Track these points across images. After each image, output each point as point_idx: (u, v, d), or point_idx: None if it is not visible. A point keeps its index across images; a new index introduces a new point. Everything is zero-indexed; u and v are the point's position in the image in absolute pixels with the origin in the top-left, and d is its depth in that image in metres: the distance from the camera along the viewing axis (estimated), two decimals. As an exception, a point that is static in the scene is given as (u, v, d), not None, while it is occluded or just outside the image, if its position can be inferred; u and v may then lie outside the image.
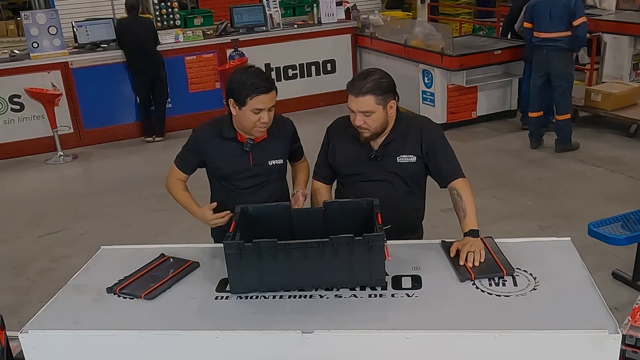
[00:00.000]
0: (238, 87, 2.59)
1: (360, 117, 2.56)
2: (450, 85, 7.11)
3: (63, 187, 6.53)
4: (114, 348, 2.10)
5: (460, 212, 2.57)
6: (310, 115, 8.25)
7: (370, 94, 2.52)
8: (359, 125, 2.58)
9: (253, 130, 2.65)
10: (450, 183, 2.64)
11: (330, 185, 2.88)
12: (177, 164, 2.85)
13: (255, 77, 2.59)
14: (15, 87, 7.17)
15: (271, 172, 2.81)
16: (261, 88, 2.56)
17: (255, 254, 2.17)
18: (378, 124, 2.59)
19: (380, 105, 2.55)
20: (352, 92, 2.56)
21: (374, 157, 2.67)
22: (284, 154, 2.84)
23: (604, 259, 4.13)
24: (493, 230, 2.62)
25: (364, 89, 2.52)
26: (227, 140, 2.73)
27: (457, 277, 2.27)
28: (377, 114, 2.55)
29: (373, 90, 2.52)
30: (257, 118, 2.60)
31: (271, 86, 2.60)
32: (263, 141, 2.74)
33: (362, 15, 8.87)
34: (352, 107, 2.58)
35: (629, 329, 2.20)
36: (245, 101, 2.57)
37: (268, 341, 2.04)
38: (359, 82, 2.55)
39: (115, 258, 2.63)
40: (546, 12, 6.15)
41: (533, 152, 6.49)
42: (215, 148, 2.75)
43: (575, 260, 2.38)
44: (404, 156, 2.66)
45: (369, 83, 2.53)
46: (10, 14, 12.28)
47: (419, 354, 2.00)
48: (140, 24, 7.42)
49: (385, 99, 2.56)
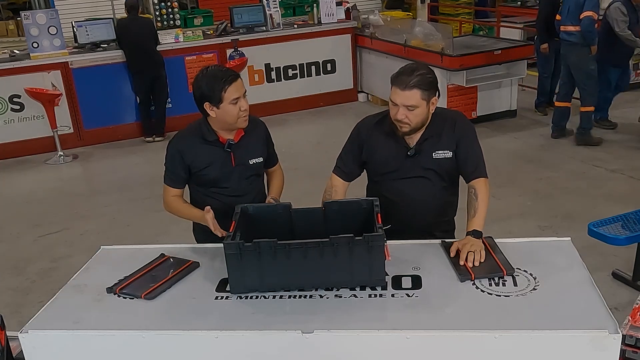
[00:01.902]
0: (208, 87, 2.59)
1: (402, 111, 2.54)
2: (450, 85, 7.11)
3: (63, 187, 6.53)
4: (114, 348, 2.10)
5: (471, 211, 2.58)
6: (310, 115, 8.26)
7: (417, 89, 2.51)
8: (400, 119, 2.56)
9: (238, 121, 2.65)
10: (472, 181, 2.65)
11: (348, 183, 2.84)
12: (167, 182, 2.81)
13: (218, 71, 2.62)
14: (15, 87, 7.16)
15: (252, 171, 2.82)
16: (229, 77, 2.59)
17: (255, 254, 2.17)
18: (419, 120, 2.58)
19: (425, 101, 2.54)
20: (398, 86, 2.53)
21: (412, 154, 2.66)
22: (263, 153, 2.85)
23: (604, 259, 4.13)
24: (493, 230, 2.62)
25: (411, 83, 2.50)
26: (209, 143, 2.72)
27: (457, 277, 2.27)
28: (421, 109, 2.54)
29: (419, 84, 2.51)
30: (237, 108, 2.61)
31: (236, 74, 2.64)
32: (242, 140, 2.75)
33: (362, 15, 8.87)
34: (396, 101, 2.55)
35: (629, 329, 2.20)
36: (221, 96, 2.58)
37: (268, 341, 2.04)
38: (406, 76, 2.52)
39: (115, 258, 2.63)
40: (567, 5, 6.30)
41: (533, 152, 6.49)
42: (199, 153, 2.73)
43: (575, 260, 2.38)
44: (440, 152, 2.66)
45: (415, 77, 2.51)
46: (10, 14, 12.27)
47: (419, 354, 2.00)
48: (140, 24, 7.42)
49: (430, 94, 2.55)
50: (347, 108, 8.45)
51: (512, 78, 7.36)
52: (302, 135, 7.36)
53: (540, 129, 7.20)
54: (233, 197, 2.72)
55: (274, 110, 7.76)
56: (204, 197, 2.81)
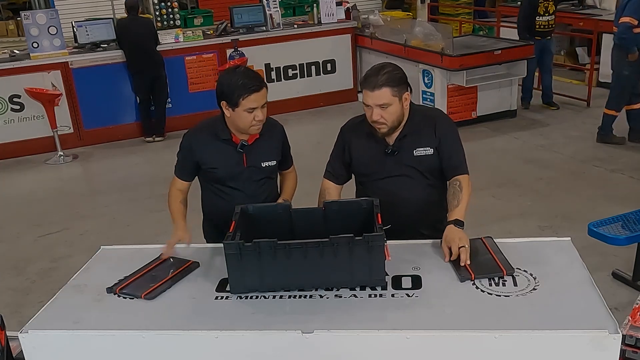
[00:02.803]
0: (229, 89, 2.58)
1: (377, 112, 2.55)
2: (450, 85, 7.11)
3: (63, 187, 6.53)
4: (114, 348, 2.10)
5: (454, 201, 2.57)
6: (310, 115, 8.26)
7: (386, 86, 2.52)
8: (376, 120, 2.57)
9: (249, 129, 2.65)
10: (455, 176, 2.65)
11: (341, 186, 2.85)
12: (176, 174, 2.82)
13: (244, 77, 2.59)
14: (15, 87, 7.16)
15: (264, 173, 2.80)
16: (252, 87, 2.56)
17: (255, 254, 2.17)
18: (395, 117, 2.59)
19: (396, 97, 2.55)
20: (367, 87, 2.55)
21: (391, 152, 2.67)
22: (277, 156, 2.83)
23: (604, 259, 4.13)
24: (493, 230, 2.62)
25: (380, 82, 2.52)
26: (222, 141, 2.72)
27: (457, 277, 2.27)
28: (394, 106, 2.56)
29: (388, 82, 2.53)
30: (251, 117, 2.60)
31: (261, 84, 2.60)
32: (256, 142, 2.74)
33: (362, 15, 8.87)
34: (368, 102, 2.57)
35: (629, 329, 2.20)
36: (238, 102, 2.57)
37: (268, 341, 2.04)
38: (373, 76, 2.54)
39: (115, 258, 2.63)
40: (619, 7, 6.31)
41: (533, 152, 6.50)
42: (210, 150, 2.74)
43: (575, 260, 2.38)
44: (421, 149, 2.66)
45: (383, 76, 2.53)
46: (10, 14, 12.27)
47: (419, 354, 2.00)
48: (140, 24, 7.41)
49: (400, 90, 2.56)
50: (347, 108, 8.44)
51: (512, 78, 7.36)
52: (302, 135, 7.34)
53: (540, 129, 7.20)
54: (243, 198, 2.69)
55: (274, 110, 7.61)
56: (214, 195, 2.81)
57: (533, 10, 7.40)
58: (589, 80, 8.04)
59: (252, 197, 2.73)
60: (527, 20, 7.49)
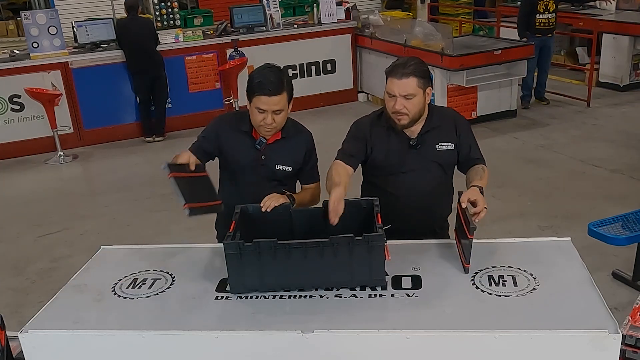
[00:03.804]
0: (249, 83, 2.63)
1: (400, 101, 2.56)
2: (450, 85, 7.11)
3: (63, 187, 6.53)
4: (114, 348, 2.10)
5: (476, 177, 2.62)
6: (310, 115, 8.23)
7: (414, 76, 2.55)
8: (398, 109, 2.58)
9: (259, 129, 2.67)
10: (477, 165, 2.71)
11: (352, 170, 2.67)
12: (192, 149, 2.72)
13: (263, 77, 2.60)
14: (15, 87, 7.16)
15: (276, 177, 2.75)
16: (264, 90, 2.56)
17: (255, 254, 2.17)
18: (417, 109, 2.60)
19: (421, 90, 2.58)
20: (394, 76, 2.57)
21: (415, 145, 2.67)
22: (294, 164, 2.77)
23: (604, 259, 4.13)
24: (493, 230, 2.63)
25: (408, 71, 2.55)
26: (242, 133, 2.74)
27: (469, 229, 2.25)
28: (418, 97, 2.58)
29: (415, 72, 2.56)
30: (261, 118, 2.61)
31: (276, 90, 2.58)
32: (276, 143, 2.74)
33: (362, 15, 8.87)
34: (394, 91, 2.57)
35: (629, 329, 2.19)
36: (251, 99, 2.61)
37: (268, 341, 2.04)
38: (401, 66, 2.58)
39: (115, 258, 2.63)
40: None
41: (533, 152, 6.50)
42: (230, 138, 2.75)
43: (575, 260, 2.38)
44: (443, 144, 2.69)
45: (411, 66, 2.57)
46: (10, 14, 12.26)
47: (419, 354, 2.00)
48: (139, 24, 7.41)
49: (425, 83, 2.60)
50: (347, 108, 8.45)
51: (512, 78, 7.36)
52: (302, 135, 7.36)
53: (540, 129, 7.20)
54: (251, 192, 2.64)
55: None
56: (229, 187, 2.81)
57: (533, 7, 7.50)
58: (589, 80, 8.04)
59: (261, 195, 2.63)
60: (527, 18, 7.57)
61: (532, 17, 7.51)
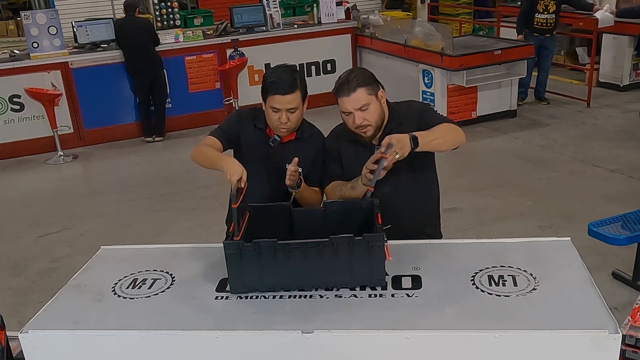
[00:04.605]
0: (263, 83, 2.66)
1: (359, 115, 2.56)
2: (450, 85, 7.11)
3: (63, 187, 6.53)
4: (114, 348, 2.09)
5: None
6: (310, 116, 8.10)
7: (359, 87, 2.54)
8: (359, 123, 2.57)
9: (276, 129, 2.70)
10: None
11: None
12: (214, 134, 2.74)
13: (277, 76, 2.62)
14: (15, 87, 7.17)
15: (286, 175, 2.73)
16: (277, 89, 2.59)
17: (255, 254, 2.17)
18: (377, 116, 2.59)
19: (372, 96, 2.57)
20: (342, 95, 2.56)
21: None
22: (304, 165, 2.75)
23: (604, 259, 4.13)
24: (493, 230, 2.63)
25: (352, 85, 2.54)
26: (257, 129, 2.78)
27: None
28: (373, 104, 2.57)
29: (360, 83, 2.55)
30: (276, 117, 2.64)
31: (289, 89, 2.60)
32: (290, 143, 2.76)
33: (362, 15, 8.87)
34: (347, 108, 2.57)
35: (629, 329, 2.20)
36: (265, 98, 2.65)
37: (268, 341, 2.04)
38: (344, 83, 2.56)
39: (115, 258, 2.63)
40: None
41: (533, 152, 6.50)
42: (246, 130, 2.79)
43: (575, 260, 2.37)
44: None
45: (353, 79, 2.55)
46: (10, 14, 12.27)
47: (419, 354, 2.00)
48: (137, 24, 7.42)
49: (373, 88, 2.58)
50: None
51: (512, 78, 7.36)
52: (302, 135, 7.37)
53: (540, 129, 7.20)
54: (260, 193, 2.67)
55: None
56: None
57: (532, 6, 7.55)
58: (589, 81, 8.05)
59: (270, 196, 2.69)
60: (526, 15, 7.65)
61: (531, 15, 7.57)
